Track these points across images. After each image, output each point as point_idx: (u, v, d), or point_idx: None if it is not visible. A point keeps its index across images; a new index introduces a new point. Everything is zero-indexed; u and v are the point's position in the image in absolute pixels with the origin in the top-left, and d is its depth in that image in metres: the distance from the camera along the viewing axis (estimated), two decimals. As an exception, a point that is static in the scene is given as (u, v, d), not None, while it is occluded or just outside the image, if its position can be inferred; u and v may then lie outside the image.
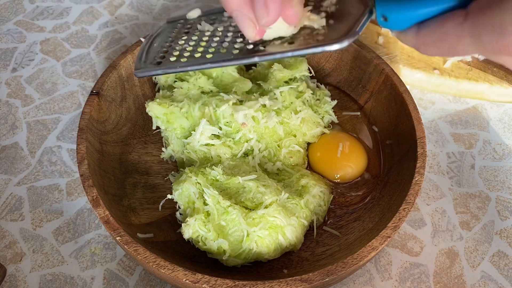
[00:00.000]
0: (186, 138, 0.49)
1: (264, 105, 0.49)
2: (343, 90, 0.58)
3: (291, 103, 0.51)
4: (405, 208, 0.41)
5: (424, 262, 0.48)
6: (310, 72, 0.54)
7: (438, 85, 0.60)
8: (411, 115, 0.48)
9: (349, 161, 0.51)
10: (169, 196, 0.46)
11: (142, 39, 0.51)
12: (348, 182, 0.50)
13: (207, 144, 0.48)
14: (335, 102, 0.55)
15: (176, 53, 0.42)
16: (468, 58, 0.58)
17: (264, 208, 0.43)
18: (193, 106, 0.50)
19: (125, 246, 0.39)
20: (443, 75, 0.59)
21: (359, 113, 0.56)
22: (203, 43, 0.42)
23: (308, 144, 0.52)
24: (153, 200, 0.48)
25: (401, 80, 0.51)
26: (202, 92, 0.52)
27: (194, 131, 0.48)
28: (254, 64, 0.58)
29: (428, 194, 0.53)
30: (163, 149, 0.52)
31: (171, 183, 0.48)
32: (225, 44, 0.40)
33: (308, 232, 0.46)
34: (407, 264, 0.47)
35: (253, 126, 0.48)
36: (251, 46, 0.38)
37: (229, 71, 0.53)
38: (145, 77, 0.52)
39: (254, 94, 0.51)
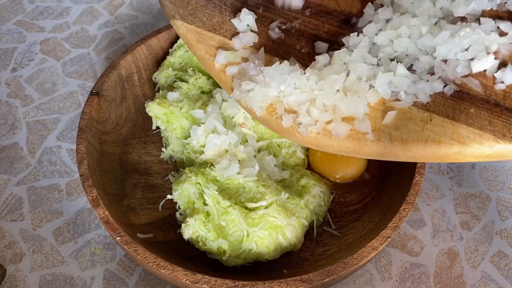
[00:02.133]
0: (186, 138, 0.49)
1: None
2: (343, 90, 0.58)
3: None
4: (405, 208, 0.41)
5: (424, 262, 0.48)
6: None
7: (377, 155, 0.37)
8: (411, 115, 0.48)
9: (349, 161, 0.51)
10: (169, 196, 0.46)
11: None
12: (348, 182, 0.50)
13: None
14: (335, 102, 0.54)
15: None
16: (426, 97, 0.36)
17: (264, 208, 0.43)
18: (193, 106, 0.50)
19: (125, 246, 0.39)
20: (380, 140, 0.36)
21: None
22: None
23: (308, 144, 0.52)
24: (153, 200, 0.48)
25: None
26: (202, 92, 0.52)
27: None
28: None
29: (428, 194, 0.53)
30: (163, 149, 0.52)
31: (171, 183, 0.48)
32: None
33: (308, 232, 0.46)
34: (407, 264, 0.47)
35: (253, 126, 0.48)
36: None
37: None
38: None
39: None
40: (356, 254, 0.38)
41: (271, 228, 0.42)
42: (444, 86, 0.36)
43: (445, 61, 0.37)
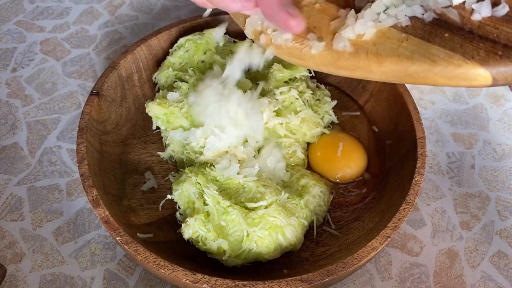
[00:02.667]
0: (186, 139, 0.49)
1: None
2: (343, 90, 0.58)
3: (291, 103, 0.51)
4: (405, 208, 0.41)
5: (424, 262, 0.48)
6: (310, 72, 0.54)
7: (352, 68, 0.39)
8: (411, 115, 0.48)
9: (349, 161, 0.51)
10: (169, 196, 0.46)
11: None
12: (348, 182, 0.50)
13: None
14: (335, 102, 0.55)
15: None
16: (406, 20, 0.38)
17: (264, 208, 0.43)
18: (193, 106, 0.50)
19: (125, 246, 0.39)
20: (358, 53, 0.38)
21: (359, 113, 0.56)
22: None
23: (308, 144, 0.52)
24: (153, 200, 0.48)
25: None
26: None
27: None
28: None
29: (428, 194, 0.53)
30: (162, 152, 0.52)
31: (171, 183, 0.48)
32: None
33: (308, 232, 0.46)
34: (407, 264, 0.47)
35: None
36: None
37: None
38: None
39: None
40: (356, 254, 0.39)
41: (271, 228, 0.42)
42: (424, 14, 0.38)
43: None
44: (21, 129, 0.58)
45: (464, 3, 0.37)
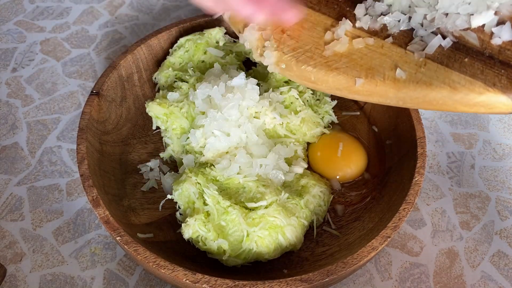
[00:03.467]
0: (186, 139, 0.49)
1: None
2: (343, 90, 0.58)
3: (291, 103, 0.51)
4: (405, 208, 0.41)
5: (424, 262, 0.48)
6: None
7: (368, 94, 0.38)
8: (411, 115, 0.48)
9: (349, 161, 0.51)
10: (169, 196, 0.46)
11: None
12: (348, 182, 0.50)
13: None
14: (335, 102, 0.55)
15: None
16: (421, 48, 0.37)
17: (264, 208, 0.43)
18: (193, 106, 0.50)
19: (125, 246, 0.39)
20: (374, 78, 0.37)
21: (359, 113, 0.56)
22: None
23: (308, 144, 0.52)
24: (153, 200, 0.48)
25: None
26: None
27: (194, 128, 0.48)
28: (254, 64, 0.58)
29: (428, 194, 0.53)
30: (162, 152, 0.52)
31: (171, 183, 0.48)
32: None
33: (308, 232, 0.46)
34: (407, 264, 0.47)
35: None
36: None
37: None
38: None
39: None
40: (356, 254, 0.39)
41: (271, 228, 0.42)
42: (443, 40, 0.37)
43: (446, 14, 0.38)
44: (21, 129, 0.58)
45: (483, 26, 0.36)
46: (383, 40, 0.39)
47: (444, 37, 0.37)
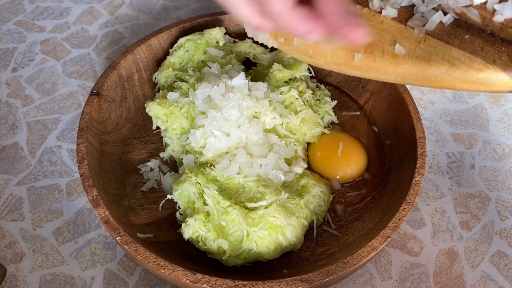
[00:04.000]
0: (186, 139, 0.49)
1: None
2: (343, 90, 0.58)
3: (291, 103, 0.51)
4: (405, 208, 0.41)
5: (424, 262, 0.48)
6: (310, 72, 0.54)
7: (366, 69, 0.37)
8: (411, 115, 0.48)
9: (349, 161, 0.51)
10: (169, 196, 0.46)
11: None
12: (348, 182, 0.50)
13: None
14: (335, 102, 0.55)
15: None
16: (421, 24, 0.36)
17: (264, 208, 0.43)
18: (193, 106, 0.50)
19: (125, 246, 0.39)
20: (373, 53, 0.37)
21: (359, 113, 0.56)
22: None
23: (308, 144, 0.52)
24: (153, 200, 0.48)
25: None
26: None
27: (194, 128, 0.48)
28: (254, 64, 0.58)
29: (428, 194, 0.53)
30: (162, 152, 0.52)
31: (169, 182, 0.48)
32: None
33: (308, 232, 0.46)
34: (407, 264, 0.47)
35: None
36: None
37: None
38: None
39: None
40: (356, 254, 0.39)
41: (271, 228, 0.42)
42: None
43: None
44: (21, 129, 0.58)
45: (485, 3, 0.36)
46: (383, 16, 0.38)
47: (445, 14, 0.37)
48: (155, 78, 0.55)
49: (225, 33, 0.56)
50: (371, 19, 0.39)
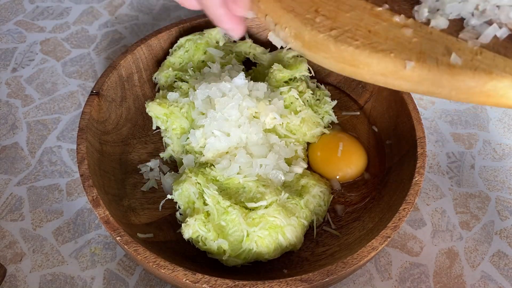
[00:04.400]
0: (186, 140, 0.49)
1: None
2: (343, 90, 0.58)
3: (291, 103, 0.51)
4: (405, 208, 0.41)
5: (424, 262, 0.48)
6: (310, 72, 0.54)
7: (418, 80, 0.34)
8: (411, 115, 0.48)
9: (349, 161, 0.51)
10: (169, 196, 0.46)
11: None
12: (348, 182, 0.50)
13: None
14: (335, 102, 0.55)
15: None
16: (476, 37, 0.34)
17: (264, 208, 0.43)
18: (193, 106, 0.50)
19: (125, 246, 0.39)
20: (426, 62, 0.34)
21: (359, 113, 0.56)
22: None
23: (308, 144, 0.52)
24: (153, 200, 0.48)
25: (401, 80, 0.51)
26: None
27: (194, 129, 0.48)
28: (254, 64, 0.58)
29: (428, 194, 0.53)
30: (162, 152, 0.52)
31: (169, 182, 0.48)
32: None
33: (308, 232, 0.46)
34: (407, 264, 0.47)
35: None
36: None
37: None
38: None
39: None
40: (356, 254, 0.39)
41: (271, 228, 0.42)
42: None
43: (498, 7, 0.36)
44: (21, 129, 0.58)
45: None
46: (431, 27, 0.36)
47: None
48: (155, 78, 0.55)
49: (225, 33, 0.56)
50: (418, 30, 0.36)
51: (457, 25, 0.37)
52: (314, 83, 0.57)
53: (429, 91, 0.34)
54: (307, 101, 0.53)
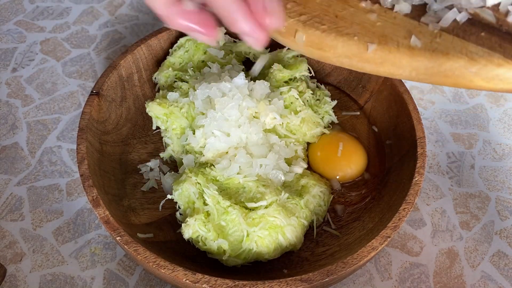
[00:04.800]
0: (186, 140, 0.49)
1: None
2: (343, 90, 0.58)
3: (291, 103, 0.51)
4: (405, 208, 0.41)
5: (424, 262, 0.48)
6: (310, 72, 0.54)
7: (380, 61, 0.36)
8: (411, 115, 0.48)
9: (349, 161, 0.51)
10: (169, 196, 0.46)
11: None
12: (348, 182, 0.50)
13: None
14: (335, 102, 0.55)
15: None
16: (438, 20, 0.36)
17: (264, 208, 0.43)
18: (193, 106, 0.50)
19: (125, 246, 0.39)
20: (387, 44, 0.36)
21: (359, 113, 0.56)
22: None
23: (308, 144, 0.52)
24: (153, 200, 0.48)
25: (401, 80, 0.51)
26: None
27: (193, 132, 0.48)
28: (254, 64, 0.58)
29: (428, 194, 0.53)
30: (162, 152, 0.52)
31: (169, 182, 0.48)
32: None
33: (308, 232, 0.46)
34: (407, 264, 0.47)
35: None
36: None
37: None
38: None
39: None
40: (356, 254, 0.39)
41: (271, 228, 0.42)
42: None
43: None
44: (21, 129, 0.58)
45: (498, 5, 0.36)
46: (395, 12, 0.38)
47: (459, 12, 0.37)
48: (155, 78, 0.55)
49: (225, 33, 0.56)
50: (383, 15, 0.38)
51: (421, 10, 0.38)
52: (314, 83, 0.57)
53: (391, 72, 0.36)
54: (307, 101, 0.53)
